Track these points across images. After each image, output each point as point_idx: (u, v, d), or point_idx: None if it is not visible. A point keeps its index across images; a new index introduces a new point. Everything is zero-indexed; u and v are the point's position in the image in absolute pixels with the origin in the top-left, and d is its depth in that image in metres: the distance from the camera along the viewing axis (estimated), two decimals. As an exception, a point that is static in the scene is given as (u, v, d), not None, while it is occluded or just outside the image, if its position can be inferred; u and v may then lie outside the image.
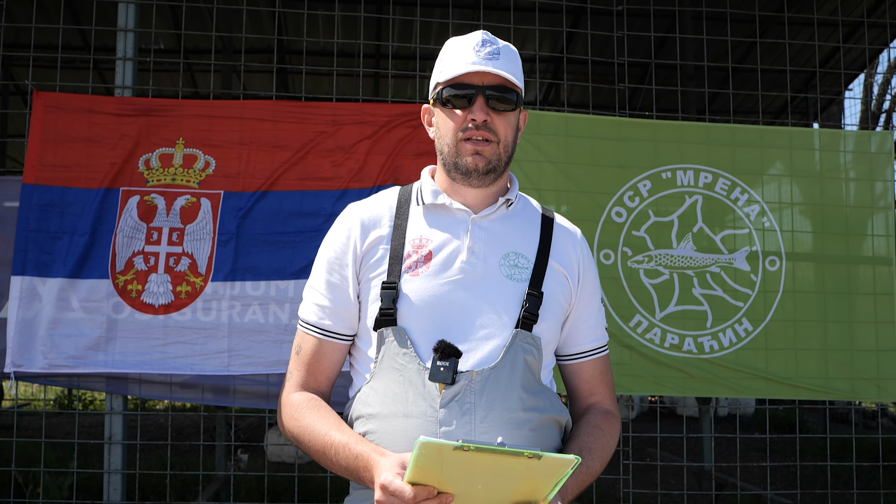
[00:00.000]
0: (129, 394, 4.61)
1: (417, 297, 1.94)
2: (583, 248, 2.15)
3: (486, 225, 2.04)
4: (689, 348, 4.67)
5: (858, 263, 4.92)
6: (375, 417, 1.91)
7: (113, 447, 4.48)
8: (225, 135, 4.57)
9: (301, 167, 4.54)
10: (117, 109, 4.54)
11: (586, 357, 2.14)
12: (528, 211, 2.14)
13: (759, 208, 4.83)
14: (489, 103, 1.96)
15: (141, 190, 4.48)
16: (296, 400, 1.99)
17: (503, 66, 1.97)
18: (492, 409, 1.86)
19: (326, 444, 1.87)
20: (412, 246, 2.00)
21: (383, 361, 1.93)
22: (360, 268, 2.01)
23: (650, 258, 4.72)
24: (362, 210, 2.08)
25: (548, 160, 4.69)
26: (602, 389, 2.16)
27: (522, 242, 2.06)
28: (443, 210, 2.05)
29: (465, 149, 1.97)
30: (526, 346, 1.94)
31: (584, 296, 2.12)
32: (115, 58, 4.60)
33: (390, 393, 1.90)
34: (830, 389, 4.78)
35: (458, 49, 2.00)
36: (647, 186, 4.77)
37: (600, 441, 2.01)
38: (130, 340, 4.37)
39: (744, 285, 4.76)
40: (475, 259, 1.98)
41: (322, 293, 2.04)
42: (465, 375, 1.86)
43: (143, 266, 4.42)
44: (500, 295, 1.96)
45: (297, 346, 2.07)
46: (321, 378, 2.05)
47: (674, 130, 4.86)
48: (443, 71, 2.01)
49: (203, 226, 4.48)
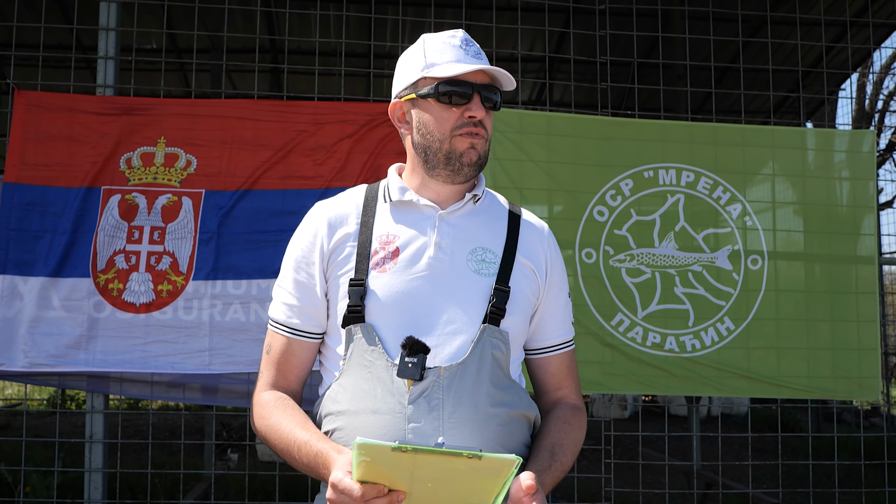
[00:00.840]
0: (110, 392, 4.61)
1: (385, 294, 1.94)
2: (550, 243, 2.16)
3: (454, 220, 2.05)
4: (671, 347, 4.67)
5: (841, 263, 4.91)
6: (344, 414, 1.91)
7: (94, 446, 4.48)
8: (207, 134, 4.57)
9: (283, 166, 4.55)
10: (99, 108, 4.55)
11: (553, 351, 2.15)
12: (494, 206, 2.15)
13: (741, 207, 4.83)
14: (483, 102, 1.99)
15: (122, 189, 4.49)
16: (265, 399, 2.00)
17: (490, 67, 2.01)
18: (460, 405, 1.86)
19: (290, 441, 1.88)
20: (379, 243, 2.00)
21: (352, 358, 1.93)
22: (328, 266, 2.02)
23: (632, 257, 4.72)
24: (329, 208, 2.08)
25: (530, 159, 4.69)
26: (569, 384, 2.17)
27: (490, 237, 2.06)
28: (410, 206, 2.06)
29: (461, 144, 1.99)
30: (494, 340, 1.95)
31: (552, 290, 2.13)
32: (97, 56, 4.60)
33: (359, 390, 1.90)
34: (812, 388, 4.78)
35: (444, 46, 2.02)
36: (630, 185, 4.77)
37: (571, 436, 2.03)
38: (111, 339, 4.37)
39: (726, 284, 4.76)
40: (442, 254, 1.99)
41: (290, 292, 2.05)
42: (433, 371, 1.87)
43: (124, 265, 4.42)
44: (467, 290, 1.97)
45: (268, 345, 2.08)
46: (291, 377, 2.06)
47: (656, 129, 4.86)
48: (434, 66, 2.01)
49: (184, 225, 4.48)
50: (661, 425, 9.80)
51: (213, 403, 4.83)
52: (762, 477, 8.51)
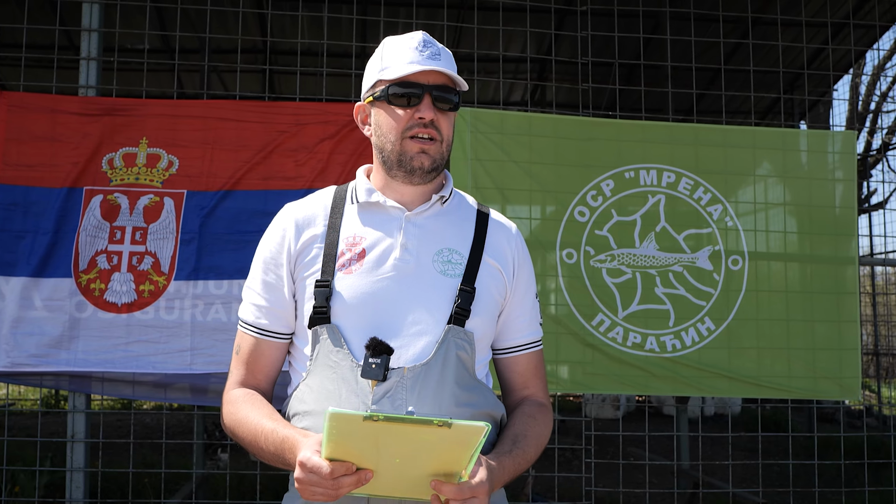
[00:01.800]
0: (91, 392, 4.63)
1: (350, 295, 1.95)
2: (518, 243, 2.17)
3: (420, 222, 2.06)
4: (652, 347, 4.69)
5: (822, 263, 4.93)
6: (310, 414, 1.93)
7: (76, 446, 4.50)
8: (188, 134, 4.59)
9: (264, 167, 4.57)
10: (81, 109, 4.56)
11: (520, 351, 2.17)
12: (462, 207, 2.16)
13: (722, 208, 4.85)
14: (435, 103, 1.99)
15: (104, 189, 4.50)
16: (233, 396, 2.03)
17: (446, 66, 2.00)
18: (423, 405, 1.88)
19: (257, 431, 1.90)
20: (346, 244, 2.01)
21: (318, 359, 1.95)
22: (295, 267, 2.03)
23: (613, 257, 4.74)
24: (297, 210, 2.10)
25: (511, 160, 4.70)
26: (535, 383, 2.19)
27: (456, 238, 2.07)
28: (377, 208, 2.07)
29: (411, 147, 1.99)
30: (458, 341, 1.96)
31: (519, 290, 2.14)
32: (80, 58, 4.62)
33: (324, 390, 1.92)
34: (793, 388, 4.80)
35: (400, 48, 2.02)
36: (611, 186, 4.79)
37: (535, 429, 2.04)
38: (93, 339, 4.39)
39: (706, 284, 4.78)
40: (408, 256, 2.00)
41: (259, 293, 2.07)
42: (397, 372, 1.89)
43: (106, 265, 4.44)
44: (432, 291, 1.98)
45: (237, 345, 2.10)
46: (260, 376, 2.08)
47: (637, 130, 4.88)
48: (387, 69, 2.01)
49: (166, 225, 4.50)
50: (655, 425, 9.82)
51: (202, 403, 4.84)
52: (754, 477, 8.52)
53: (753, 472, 8.49)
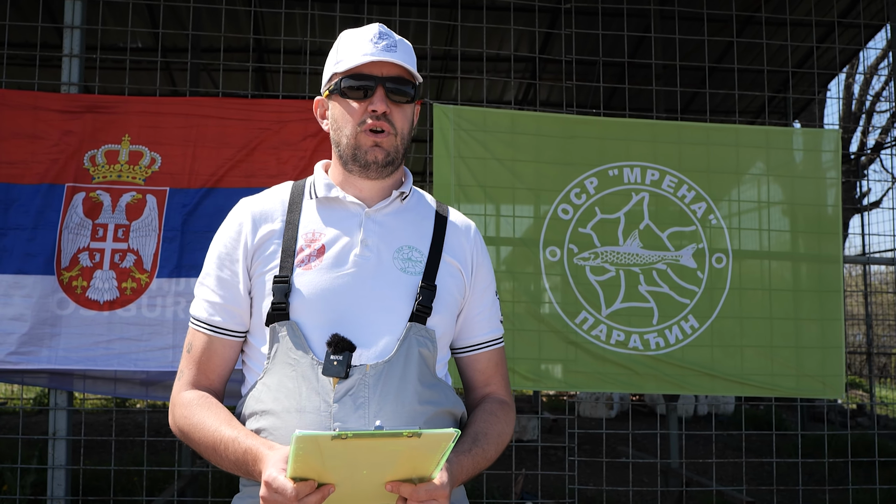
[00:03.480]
0: (73, 390, 4.62)
1: (310, 292, 1.93)
2: (476, 241, 2.16)
3: (380, 218, 2.04)
4: (635, 345, 4.68)
5: (805, 261, 4.93)
6: (269, 413, 1.90)
7: (57, 443, 4.49)
8: (171, 132, 4.58)
9: (247, 164, 4.56)
10: (63, 106, 4.55)
11: (481, 349, 2.16)
12: (421, 205, 2.15)
13: (705, 206, 4.84)
14: (389, 95, 1.96)
15: (86, 186, 4.49)
16: (187, 398, 1.97)
17: (401, 58, 1.97)
18: (385, 403, 1.86)
19: (216, 439, 1.85)
20: (305, 240, 1.99)
21: (276, 357, 1.92)
22: (252, 263, 1.99)
23: (596, 255, 4.73)
24: (254, 205, 2.06)
25: (493, 157, 4.70)
26: (497, 380, 2.18)
27: (416, 236, 2.06)
28: (336, 204, 2.04)
29: (365, 141, 1.96)
30: (420, 338, 1.95)
31: (478, 288, 2.13)
32: (62, 55, 4.61)
33: (283, 388, 1.89)
34: (776, 386, 4.79)
35: (356, 41, 1.99)
36: (594, 184, 4.78)
37: (496, 427, 2.03)
38: (75, 336, 4.38)
39: (690, 282, 4.77)
40: (368, 252, 1.98)
41: (213, 289, 2.01)
42: (359, 369, 1.86)
43: (88, 262, 4.43)
44: (393, 288, 1.97)
45: (189, 343, 2.05)
46: (213, 376, 2.03)
47: (620, 128, 4.87)
48: (340, 62, 1.99)
49: (149, 222, 4.49)
50: (648, 424, 9.81)
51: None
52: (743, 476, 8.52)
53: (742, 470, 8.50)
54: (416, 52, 2.09)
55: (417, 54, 2.10)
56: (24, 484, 6.47)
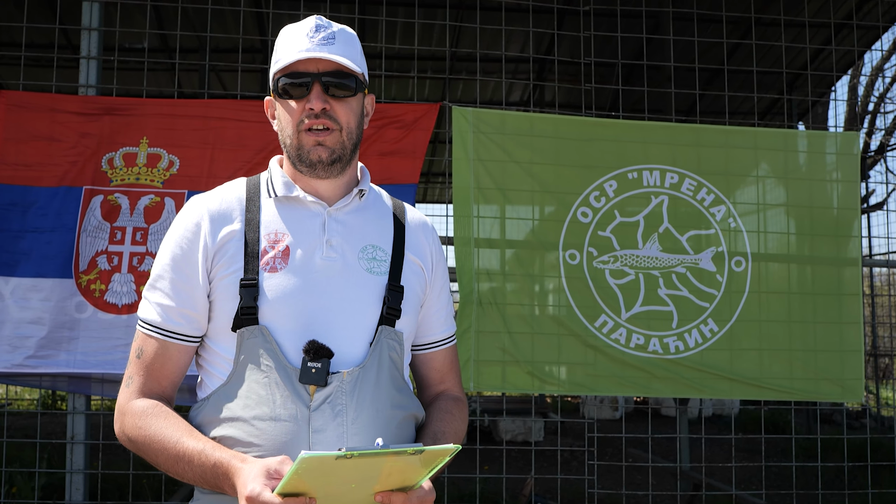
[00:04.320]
0: (91, 393, 4.60)
1: (278, 295, 1.86)
2: (434, 239, 2.14)
3: (342, 217, 1.98)
4: (655, 349, 4.67)
5: (825, 264, 4.92)
6: (237, 421, 1.82)
7: (75, 447, 4.47)
8: (189, 134, 4.56)
9: (265, 166, 4.51)
10: (80, 108, 4.53)
11: (438, 347, 2.15)
12: (379, 203, 2.10)
13: (725, 209, 4.83)
14: (328, 91, 1.89)
15: (104, 189, 4.47)
16: (138, 407, 1.86)
17: (339, 51, 1.90)
18: (362, 410, 1.83)
19: (179, 452, 1.77)
20: (268, 241, 1.91)
21: (245, 362, 1.85)
22: (212, 265, 1.90)
23: (616, 258, 4.72)
24: (210, 203, 1.96)
25: (512, 160, 4.68)
26: (451, 377, 2.17)
27: (378, 234, 2.02)
28: (296, 203, 1.97)
29: (307, 140, 1.90)
30: (390, 342, 1.92)
31: (437, 286, 2.11)
32: (80, 56, 4.59)
33: (254, 395, 1.82)
34: (795, 390, 4.78)
35: (291, 37, 1.93)
36: (614, 186, 4.77)
37: (453, 425, 2.02)
38: (93, 340, 4.36)
39: (709, 286, 4.76)
40: (334, 253, 1.93)
41: (166, 293, 1.91)
42: (336, 377, 1.82)
43: (106, 266, 4.41)
44: (361, 289, 1.93)
45: (138, 349, 1.93)
46: (165, 383, 1.92)
47: (639, 131, 4.86)
48: (277, 60, 1.93)
49: (167, 225, 4.46)
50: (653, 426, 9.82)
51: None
52: (752, 478, 8.52)
53: (751, 473, 8.50)
54: (421, 53, 2.04)
55: (422, 55, 2.05)
56: (35, 486, 6.45)
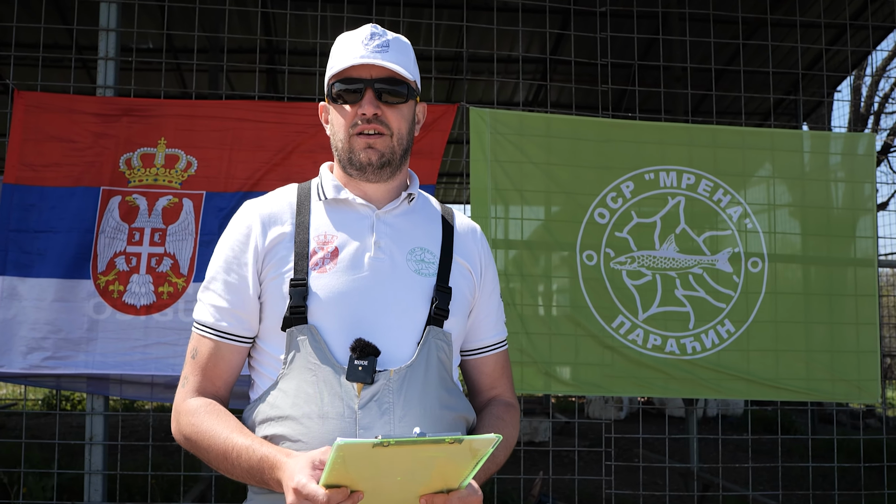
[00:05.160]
0: (109, 394, 4.60)
1: (327, 295, 1.89)
2: (483, 243, 2.16)
3: (390, 220, 2.02)
4: (672, 349, 4.68)
5: (841, 265, 4.93)
6: (287, 419, 1.85)
7: (94, 448, 4.47)
8: (207, 135, 4.55)
9: (283, 168, 4.54)
10: (98, 109, 4.53)
11: (489, 352, 2.16)
12: (428, 207, 2.13)
13: (741, 210, 4.84)
14: (381, 97, 1.93)
15: (122, 190, 4.47)
16: (193, 405, 1.92)
17: (392, 59, 1.94)
18: (410, 408, 1.84)
19: (227, 447, 1.81)
20: (317, 242, 1.95)
21: (294, 361, 1.88)
22: (263, 267, 1.95)
23: (633, 259, 4.72)
24: (262, 207, 2.01)
25: (530, 161, 4.69)
26: (503, 383, 2.18)
27: (426, 237, 2.04)
28: (345, 205, 2.01)
29: (358, 143, 1.94)
30: (438, 342, 1.94)
31: (486, 290, 2.12)
32: (97, 57, 4.59)
33: (303, 394, 1.85)
34: (811, 391, 4.79)
35: (347, 44, 1.97)
36: (630, 187, 4.77)
37: (505, 431, 2.02)
38: (111, 341, 4.35)
39: (726, 287, 4.77)
40: (382, 254, 1.96)
41: (220, 294, 1.96)
42: (383, 374, 1.84)
43: (124, 266, 4.40)
44: (409, 290, 1.95)
45: (193, 349, 1.98)
46: (219, 382, 1.98)
47: (656, 132, 4.87)
48: (332, 66, 1.98)
49: (185, 226, 4.46)
50: (657, 426, 9.83)
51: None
52: (758, 478, 8.53)
53: (756, 473, 8.51)
54: (426, 53, 2.06)
55: (426, 55, 2.07)
56: (45, 486, 6.45)
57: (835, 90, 10.17)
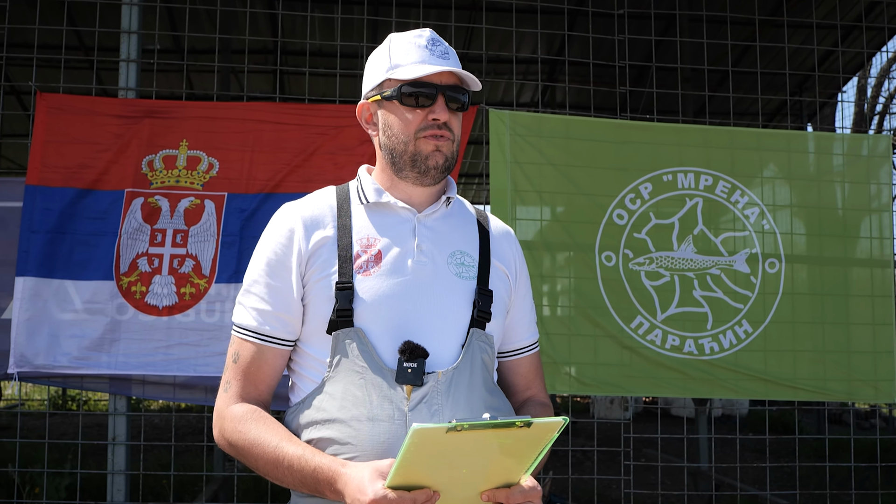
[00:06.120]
0: (132, 395, 4.61)
1: (373, 298, 1.90)
2: (517, 246, 2.18)
3: (430, 224, 2.03)
4: (690, 350, 4.70)
5: (857, 266, 4.96)
6: (335, 422, 1.85)
7: (116, 448, 4.49)
8: (228, 136, 4.57)
9: (304, 169, 4.56)
10: (120, 111, 4.55)
11: (523, 353, 2.18)
12: (464, 210, 2.15)
13: (758, 211, 4.87)
14: (447, 103, 1.95)
15: (145, 192, 4.49)
16: (238, 412, 1.91)
17: (456, 66, 1.97)
18: (458, 410, 1.85)
19: (278, 457, 1.81)
20: (360, 246, 1.95)
21: (341, 364, 1.88)
22: (306, 270, 1.94)
23: (651, 260, 4.75)
24: (303, 210, 2.01)
25: (549, 162, 4.71)
26: (537, 383, 2.20)
27: (465, 241, 2.06)
28: (386, 209, 2.02)
29: (426, 146, 1.95)
30: (482, 344, 1.95)
31: (520, 292, 2.15)
32: (119, 59, 4.60)
33: (350, 396, 1.85)
34: (828, 391, 4.82)
35: (409, 46, 1.98)
36: (649, 189, 4.80)
37: None
38: (134, 342, 4.38)
39: (744, 287, 4.79)
40: (424, 258, 1.97)
41: (262, 297, 1.95)
42: (432, 377, 1.85)
43: (147, 268, 4.42)
44: (452, 293, 1.96)
45: (234, 353, 1.97)
46: (262, 386, 1.97)
47: (673, 133, 4.89)
48: (398, 67, 1.97)
49: (207, 227, 4.48)
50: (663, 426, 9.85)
51: None
52: (765, 478, 8.56)
53: (762, 473, 8.53)
54: None
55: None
56: (58, 486, 6.46)
57: (840, 91, 10.19)
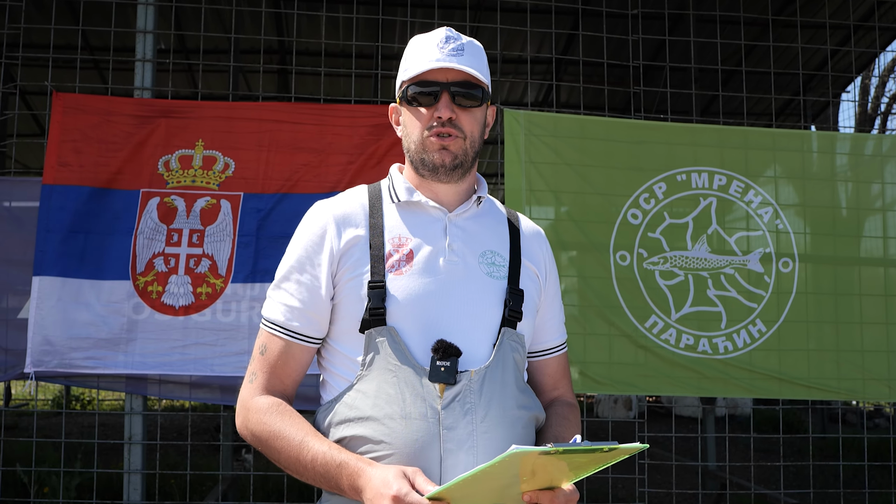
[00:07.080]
0: (148, 394, 4.61)
1: (405, 297, 1.90)
2: (547, 247, 2.19)
3: (461, 223, 2.03)
4: (704, 349, 4.72)
5: (870, 265, 4.97)
6: (368, 420, 1.85)
7: (133, 447, 4.49)
8: (244, 136, 4.58)
9: (321, 169, 4.56)
10: (136, 111, 4.55)
11: (552, 353, 2.18)
12: (494, 210, 2.15)
13: (772, 210, 4.88)
14: (455, 100, 1.94)
15: (161, 191, 4.49)
16: (262, 404, 1.92)
17: (468, 62, 1.95)
18: (490, 408, 1.86)
19: (302, 451, 1.82)
20: (392, 245, 1.96)
21: (374, 363, 1.88)
22: (338, 269, 1.94)
23: (665, 259, 4.76)
24: (335, 208, 2.01)
25: (564, 162, 4.72)
26: (564, 384, 2.21)
27: (496, 240, 2.06)
28: (417, 208, 2.02)
29: (432, 144, 1.95)
30: (513, 343, 1.96)
31: (550, 293, 2.15)
32: (135, 59, 4.60)
33: (384, 395, 1.85)
34: (842, 390, 4.83)
35: (423, 46, 1.98)
36: (663, 188, 4.81)
37: (570, 431, 2.04)
38: (150, 341, 4.38)
39: (757, 287, 4.81)
40: (456, 257, 1.97)
41: (292, 293, 1.95)
42: (465, 375, 1.86)
43: (163, 267, 4.43)
44: (483, 293, 1.97)
45: (262, 346, 1.98)
46: (287, 381, 1.98)
47: (687, 133, 4.91)
48: (407, 69, 1.99)
49: (223, 227, 4.49)
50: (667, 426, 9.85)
51: None
52: (770, 477, 8.58)
53: (768, 473, 8.55)
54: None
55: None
56: (68, 485, 6.45)
57: (843, 91, 10.22)
